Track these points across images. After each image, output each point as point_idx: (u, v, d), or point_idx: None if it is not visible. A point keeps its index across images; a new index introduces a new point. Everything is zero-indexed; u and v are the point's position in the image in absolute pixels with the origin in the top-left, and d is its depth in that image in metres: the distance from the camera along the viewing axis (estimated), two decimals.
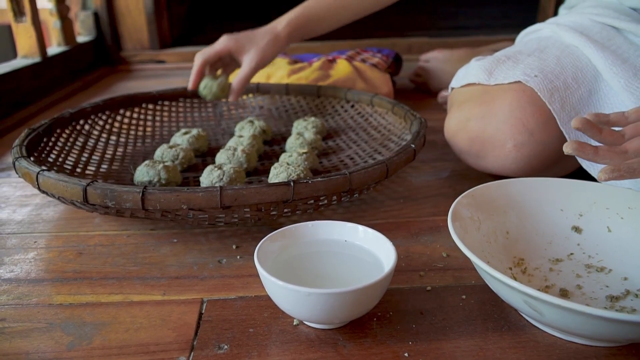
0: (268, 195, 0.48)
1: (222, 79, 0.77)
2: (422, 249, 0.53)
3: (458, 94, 0.68)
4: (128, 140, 0.77)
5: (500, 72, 0.61)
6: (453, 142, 0.66)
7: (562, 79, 0.58)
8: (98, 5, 1.39)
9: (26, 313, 0.43)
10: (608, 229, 0.49)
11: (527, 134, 0.58)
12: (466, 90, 0.66)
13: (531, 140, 0.58)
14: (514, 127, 0.58)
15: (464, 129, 0.63)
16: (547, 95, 0.57)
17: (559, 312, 0.35)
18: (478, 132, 0.61)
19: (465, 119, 0.63)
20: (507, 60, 0.63)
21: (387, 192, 0.65)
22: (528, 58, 0.62)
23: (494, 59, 0.64)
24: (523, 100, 0.58)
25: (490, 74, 0.62)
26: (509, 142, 0.58)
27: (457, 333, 0.40)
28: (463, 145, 0.64)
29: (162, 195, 0.47)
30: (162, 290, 0.46)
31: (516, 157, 0.59)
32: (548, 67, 0.59)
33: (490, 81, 0.61)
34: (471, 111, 0.62)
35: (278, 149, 0.77)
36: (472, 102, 0.63)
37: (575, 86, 0.58)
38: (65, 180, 0.49)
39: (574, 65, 0.60)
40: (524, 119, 0.58)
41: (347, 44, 1.49)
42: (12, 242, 0.55)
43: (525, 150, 0.58)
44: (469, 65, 0.69)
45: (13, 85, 0.98)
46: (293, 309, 0.39)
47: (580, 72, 0.59)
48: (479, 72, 0.63)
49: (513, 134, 0.58)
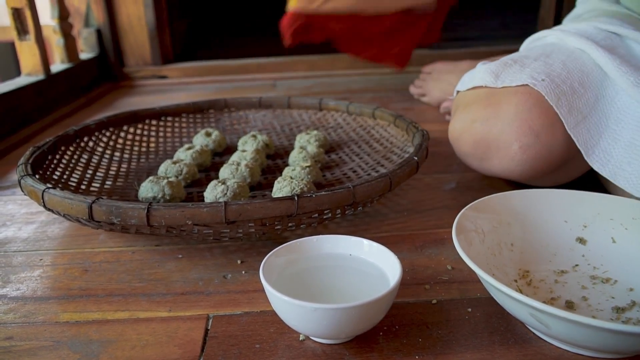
0: (272, 209, 0.48)
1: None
2: (427, 261, 0.53)
3: (464, 97, 0.68)
4: (132, 157, 0.78)
5: (507, 75, 0.61)
6: (457, 144, 0.66)
7: (569, 84, 0.58)
8: (100, 22, 1.41)
9: (33, 331, 0.43)
10: (612, 240, 0.49)
11: (533, 135, 0.57)
12: (472, 93, 0.66)
13: (537, 143, 0.58)
14: (520, 128, 0.58)
15: (469, 131, 0.63)
16: (554, 99, 0.57)
17: (565, 324, 0.35)
18: (483, 134, 0.61)
19: (470, 120, 0.63)
20: (513, 64, 0.63)
21: (390, 205, 0.66)
22: (534, 62, 0.62)
23: (500, 62, 0.64)
24: (530, 102, 0.58)
25: (497, 77, 0.62)
26: (515, 144, 0.58)
27: (464, 346, 0.40)
28: (467, 147, 0.64)
29: (167, 211, 0.47)
30: (167, 306, 0.46)
31: (522, 159, 0.59)
32: (554, 71, 0.60)
33: (497, 84, 0.61)
34: (477, 113, 0.62)
35: (281, 163, 0.77)
36: (478, 104, 0.63)
37: (582, 91, 0.58)
38: (70, 197, 0.49)
39: (580, 70, 0.60)
40: (530, 121, 0.58)
41: (346, 58, 1.50)
42: (18, 259, 0.55)
43: (531, 152, 0.58)
44: (475, 69, 0.70)
45: (17, 103, 0.99)
46: (299, 325, 0.39)
47: (587, 76, 0.59)
48: (485, 75, 0.63)
49: (519, 135, 0.58)
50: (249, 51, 1.66)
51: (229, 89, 1.38)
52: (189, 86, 1.43)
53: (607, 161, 0.57)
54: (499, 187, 0.68)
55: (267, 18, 2.19)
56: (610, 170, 0.56)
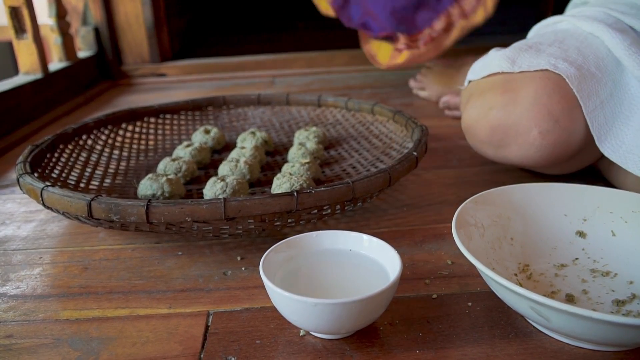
0: (272, 206, 0.48)
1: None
2: (427, 256, 0.53)
3: (477, 85, 0.66)
4: (131, 154, 0.78)
5: (524, 60, 0.61)
6: (472, 132, 0.64)
7: (586, 68, 0.58)
8: (98, 20, 1.40)
9: (33, 329, 0.43)
10: (612, 233, 0.49)
11: (553, 121, 0.57)
12: (487, 80, 0.64)
13: (557, 128, 0.57)
14: (539, 114, 0.57)
15: (485, 118, 0.61)
16: (575, 82, 0.57)
17: (566, 317, 0.35)
18: (501, 120, 0.60)
19: (487, 107, 0.61)
20: (529, 49, 0.62)
21: (390, 201, 0.66)
22: (549, 48, 0.61)
23: (515, 48, 0.63)
24: (549, 87, 0.57)
25: (514, 62, 0.61)
26: (534, 130, 0.58)
27: (464, 341, 0.40)
28: (483, 135, 0.62)
29: (167, 208, 0.47)
30: (168, 303, 0.46)
31: (541, 145, 0.58)
32: (571, 56, 0.59)
33: (514, 69, 0.60)
34: (494, 99, 0.61)
35: (280, 159, 0.77)
36: (495, 91, 0.61)
37: (600, 75, 0.58)
38: (69, 195, 0.49)
39: (595, 55, 0.59)
40: (549, 106, 0.57)
41: (345, 54, 1.50)
42: (17, 258, 0.55)
43: (551, 138, 0.57)
44: (487, 56, 0.68)
45: (15, 101, 0.99)
46: (299, 320, 0.39)
47: (602, 61, 0.59)
48: (501, 61, 0.62)
49: (538, 121, 0.57)
50: (247, 48, 1.66)
51: (228, 86, 1.38)
52: (188, 84, 1.43)
53: (618, 147, 0.57)
54: (499, 182, 0.68)
55: (266, 15, 2.18)
56: (621, 156, 0.56)
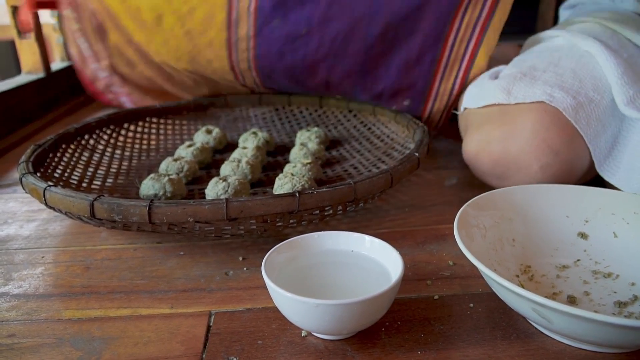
0: (274, 206, 0.48)
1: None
2: (429, 257, 0.53)
3: (475, 116, 0.66)
4: (133, 154, 0.78)
5: (519, 90, 0.60)
6: (474, 164, 0.63)
7: (584, 94, 0.57)
8: None
9: (35, 328, 0.43)
10: (614, 235, 0.49)
11: (553, 154, 0.56)
12: (484, 112, 0.64)
13: (557, 161, 0.56)
14: (539, 148, 0.56)
15: (485, 151, 0.61)
16: (572, 113, 0.56)
17: (567, 319, 0.35)
18: (501, 154, 0.59)
19: (485, 141, 0.61)
20: (523, 77, 0.61)
21: (392, 201, 0.66)
22: (544, 74, 0.60)
23: (509, 77, 0.62)
24: (546, 120, 0.56)
25: (509, 93, 0.60)
26: (535, 164, 0.57)
27: (466, 342, 0.40)
28: (485, 167, 0.62)
29: (169, 208, 0.47)
30: (169, 303, 0.46)
31: (542, 179, 0.58)
32: (566, 82, 0.58)
33: (510, 100, 0.59)
34: (491, 133, 0.60)
35: (282, 159, 0.77)
36: (492, 124, 0.61)
37: (599, 98, 0.57)
38: (72, 195, 0.49)
39: (592, 75, 0.59)
40: (548, 140, 0.56)
41: None
42: (19, 257, 0.55)
43: (551, 171, 0.57)
44: (481, 83, 0.68)
45: (17, 101, 0.99)
46: (301, 320, 0.39)
47: (599, 81, 0.58)
48: (496, 92, 0.61)
49: (538, 155, 0.56)
50: None
51: None
52: None
53: (617, 169, 0.56)
54: None
55: None
56: (620, 179, 0.56)
